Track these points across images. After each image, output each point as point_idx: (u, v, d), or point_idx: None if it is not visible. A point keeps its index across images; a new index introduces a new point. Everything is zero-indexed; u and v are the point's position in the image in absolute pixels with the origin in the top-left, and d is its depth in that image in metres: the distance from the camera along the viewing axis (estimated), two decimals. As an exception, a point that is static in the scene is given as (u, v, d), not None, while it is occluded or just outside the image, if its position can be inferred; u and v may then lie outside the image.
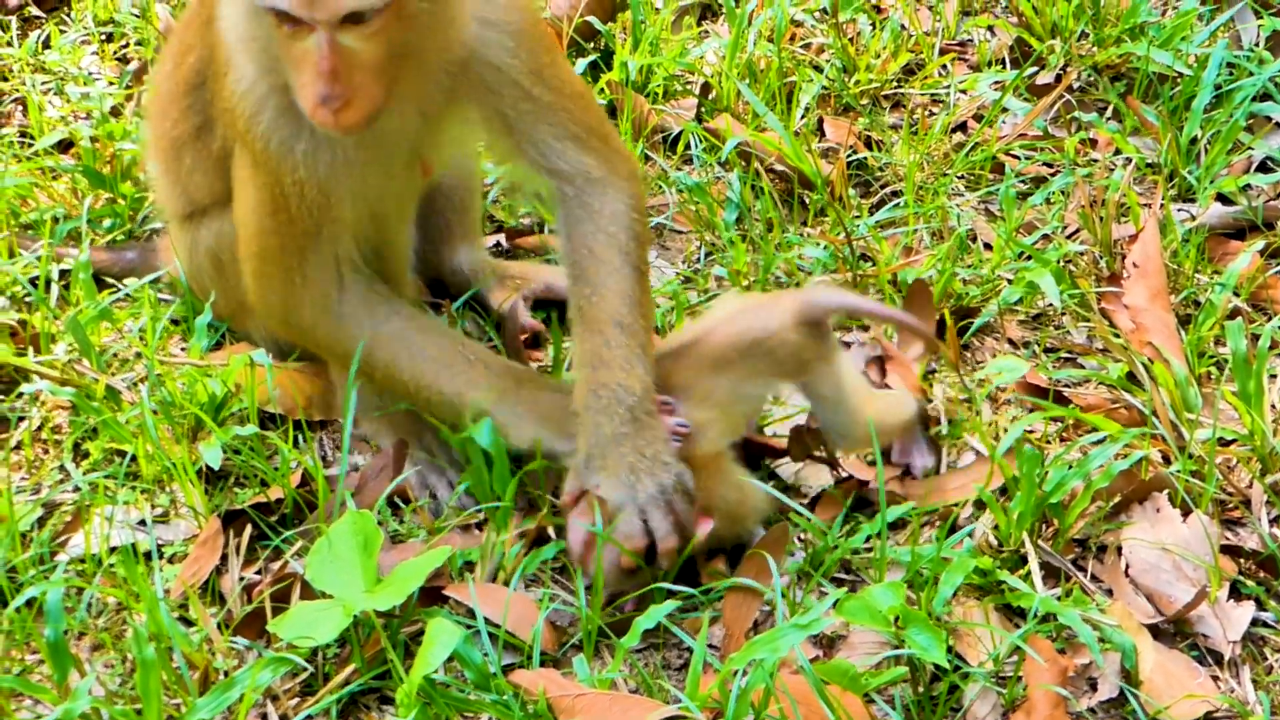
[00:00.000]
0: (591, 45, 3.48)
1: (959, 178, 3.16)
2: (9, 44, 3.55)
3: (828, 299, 2.34)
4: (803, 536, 2.27)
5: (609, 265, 2.28)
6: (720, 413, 2.24)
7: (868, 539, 2.20)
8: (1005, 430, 2.40)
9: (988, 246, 2.94)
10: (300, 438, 2.42)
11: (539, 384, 2.33)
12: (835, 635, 2.11)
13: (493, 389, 2.27)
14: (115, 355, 2.64)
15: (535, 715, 1.89)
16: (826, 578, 2.18)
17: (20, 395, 2.48)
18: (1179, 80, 3.30)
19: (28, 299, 2.70)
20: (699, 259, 2.92)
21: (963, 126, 3.37)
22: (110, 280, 2.78)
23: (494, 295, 2.76)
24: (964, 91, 3.45)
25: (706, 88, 3.40)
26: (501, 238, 2.98)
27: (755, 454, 2.41)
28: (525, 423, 2.26)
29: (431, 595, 2.13)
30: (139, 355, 2.63)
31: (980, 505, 2.30)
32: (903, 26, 3.60)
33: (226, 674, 2.01)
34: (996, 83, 3.43)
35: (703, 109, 3.35)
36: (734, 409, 2.26)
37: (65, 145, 3.20)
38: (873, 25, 3.64)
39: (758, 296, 2.49)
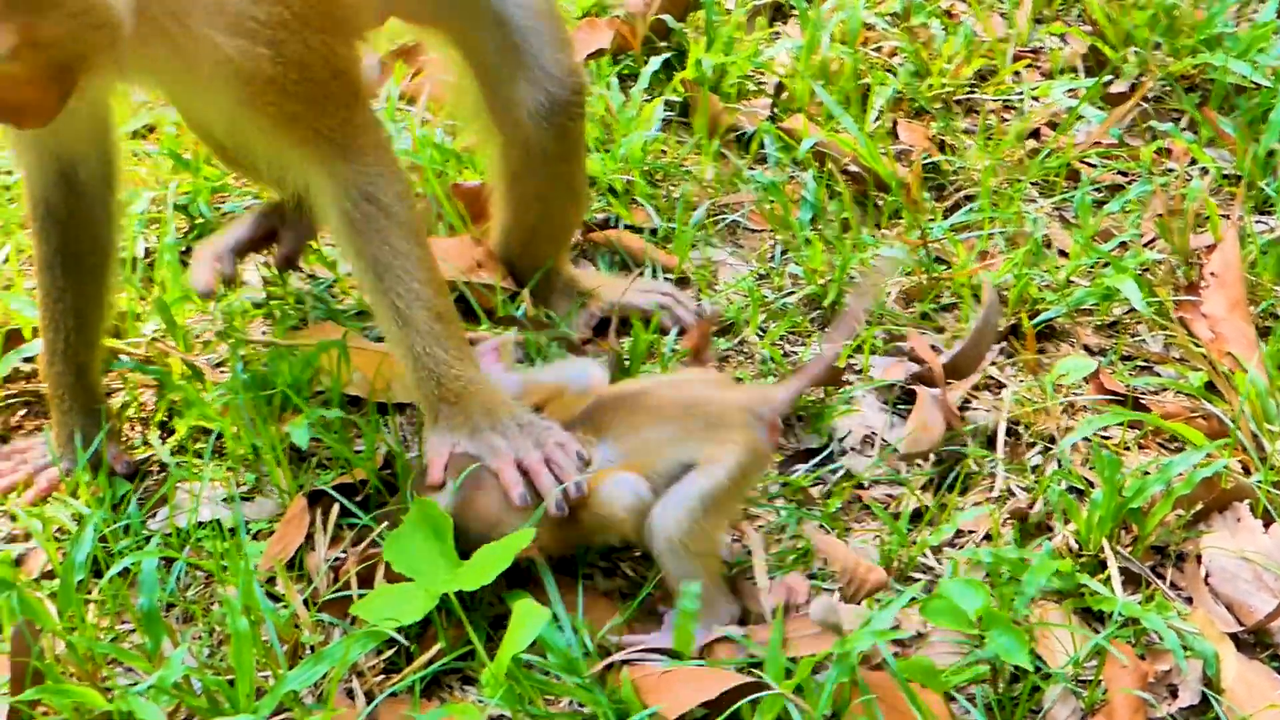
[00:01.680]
0: (664, 43, 3.51)
1: (1032, 184, 3.17)
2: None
3: (782, 394, 2.17)
4: (877, 534, 2.29)
5: None
6: (634, 464, 2.12)
7: (950, 539, 2.22)
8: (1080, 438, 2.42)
9: (1062, 253, 2.95)
10: (384, 421, 2.45)
11: None
12: (914, 633, 2.12)
13: None
14: (198, 336, 2.67)
15: (620, 699, 1.90)
16: (901, 577, 2.20)
17: (109, 372, 2.51)
18: (1256, 91, 3.30)
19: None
20: (773, 257, 2.94)
21: (1036, 133, 3.37)
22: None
23: (557, 306, 2.73)
24: (1036, 98, 3.46)
25: (780, 87, 3.42)
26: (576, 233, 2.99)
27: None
28: None
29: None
30: (220, 335, 2.67)
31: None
32: (975, 32, 3.61)
33: (312, 649, 2.04)
34: (1070, 90, 3.43)
35: (776, 109, 3.37)
36: (648, 466, 2.10)
37: (148, 130, 3.25)
38: (945, 30, 3.65)
39: (713, 374, 2.40)
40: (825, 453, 2.43)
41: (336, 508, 2.22)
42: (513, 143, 2.58)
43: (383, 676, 2.04)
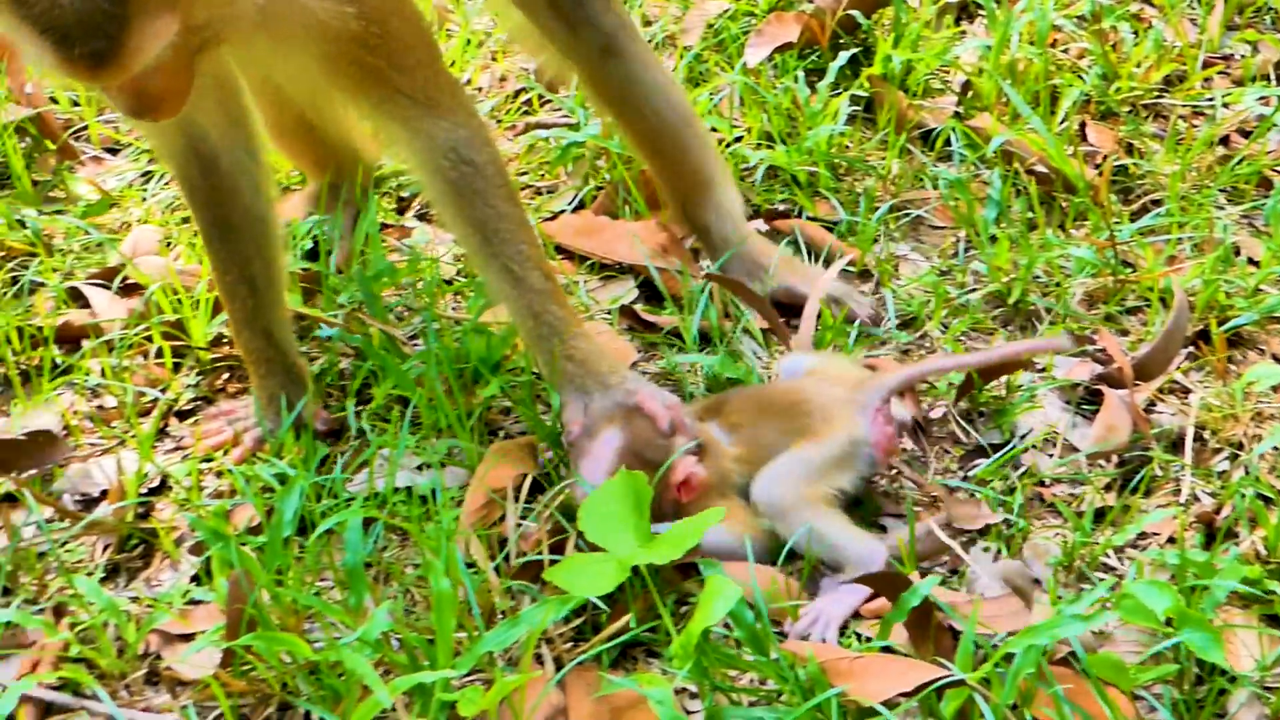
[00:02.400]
0: (850, 39, 3.53)
1: (1221, 191, 3.14)
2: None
3: (888, 380, 2.35)
4: (1059, 530, 2.29)
5: None
6: (742, 455, 2.28)
7: (1133, 539, 2.22)
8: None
9: (1252, 261, 2.91)
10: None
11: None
12: (1098, 630, 2.13)
13: None
14: (391, 310, 2.77)
15: (808, 680, 1.94)
16: (1083, 576, 2.21)
17: (309, 339, 2.62)
18: None
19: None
20: (956, 254, 2.95)
21: (1226, 140, 3.33)
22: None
23: (733, 273, 2.78)
24: (1227, 105, 3.41)
25: (967, 86, 3.42)
26: (755, 220, 3.03)
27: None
28: None
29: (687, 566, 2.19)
30: (411, 310, 2.76)
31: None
32: (1164, 37, 3.57)
33: (504, 614, 2.11)
34: (1263, 97, 3.39)
35: (962, 107, 3.38)
36: (755, 458, 2.26)
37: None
38: (1134, 34, 3.62)
39: (838, 363, 2.49)
40: (1007, 449, 2.45)
41: (529, 477, 2.29)
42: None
43: (570, 644, 2.10)
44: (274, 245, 2.48)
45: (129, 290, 2.74)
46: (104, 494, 2.36)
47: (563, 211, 3.03)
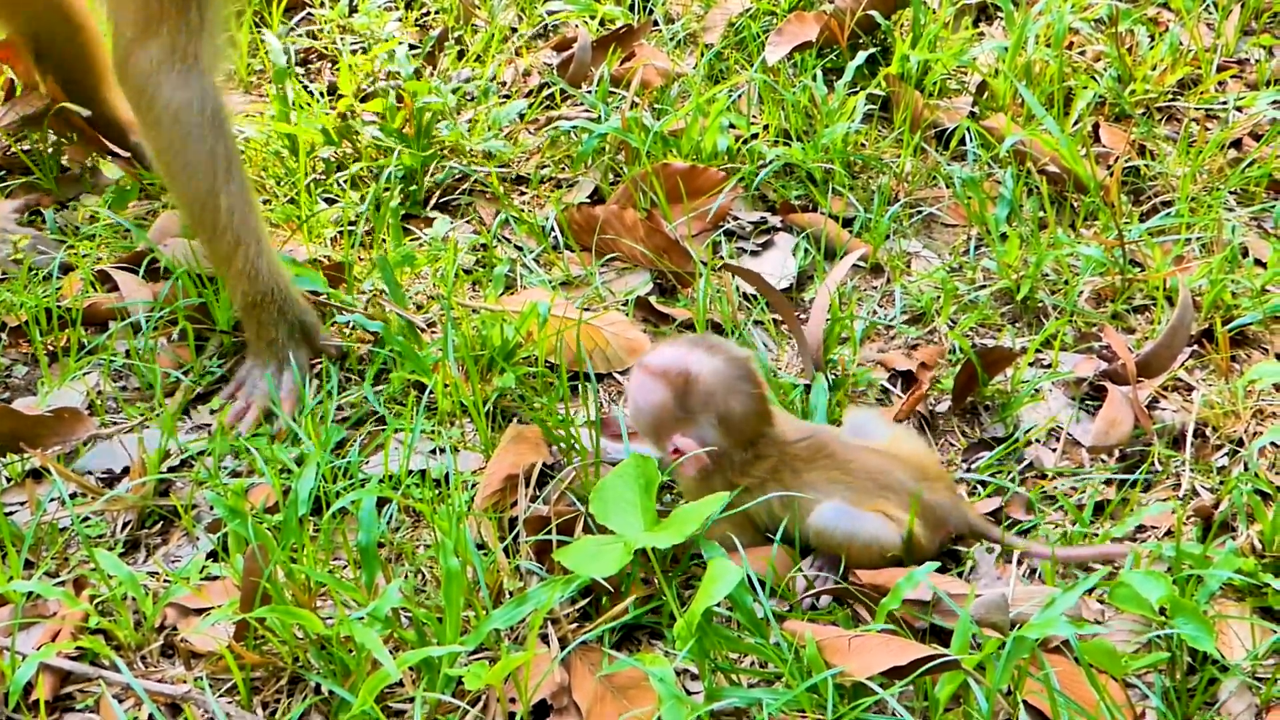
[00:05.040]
0: (869, 38, 3.57)
1: (1231, 193, 3.17)
2: (321, 5, 3.80)
3: (969, 516, 2.26)
4: (1059, 524, 2.33)
5: None
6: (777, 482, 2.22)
7: (1132, 532, 2.25)
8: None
9: (1259, 263, 2.94)
10: (579, 387, 2.56)
11: None
12: (1092, 619, 2.16)
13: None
14: (411, 298, 2.82)
15: (806, 662, 1.98)
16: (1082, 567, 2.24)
17: (333, 324, 2.67)
18: None
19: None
20: (967, 251, 2.99)
21: (1238, 143, 3.36)
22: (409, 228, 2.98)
23: None
24: (1240, 109, 3.44)
25: (982, 86, 3.46)
26: (771, 216, 3.08)
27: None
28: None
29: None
30: (432, 299, 2.81)
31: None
32: (1180, 41, 3.60)
33: (512, 593, 2.16)
34: (1275, 101, 3.42)
35: (978, 107, 3.42)
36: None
37: (365, 96, 3.42)
38: (1151, 37, 3.65)
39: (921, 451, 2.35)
40: (1010, 442, 2.49)
41: (539, 463, 2.34)
42: None
43: (576, 624, 2.15)
44: None
45: (155, 274, 2.80)
46: (125, 470, 2.42)
47: (583, 204, 3.07)
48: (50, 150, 3.15)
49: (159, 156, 2.54)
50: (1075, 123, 3.30)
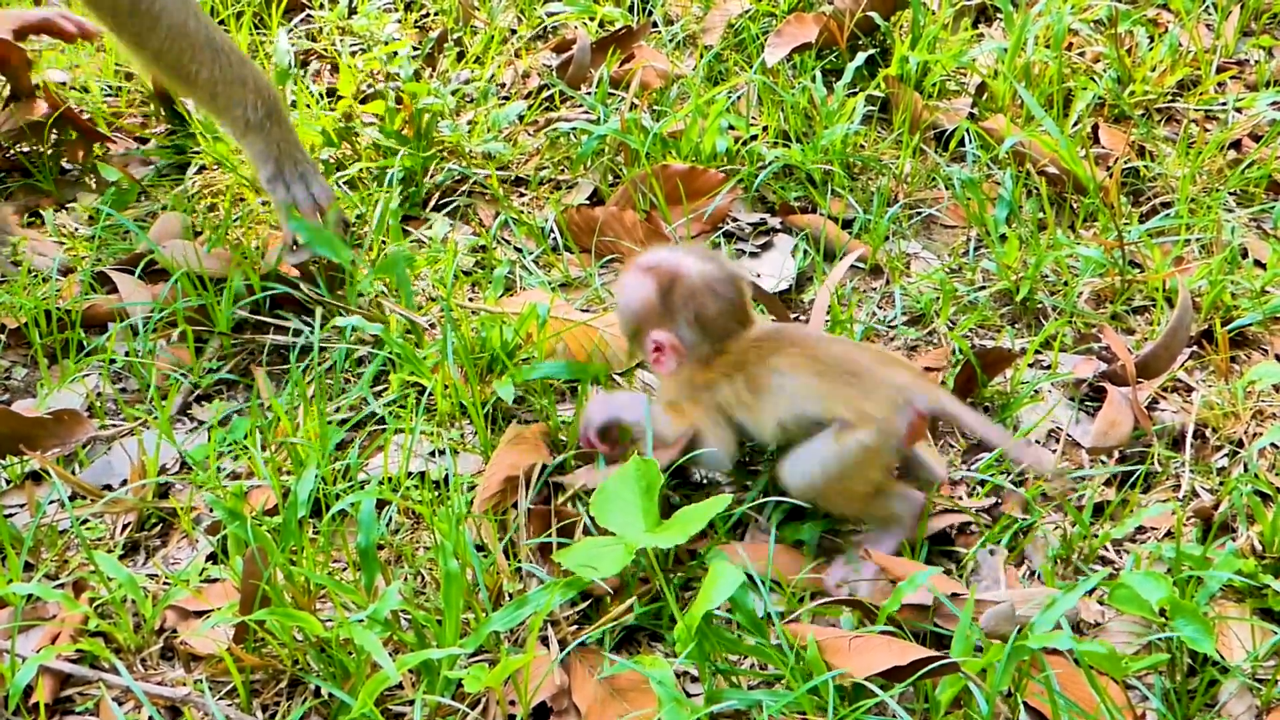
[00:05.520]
0: (868, 39, 3.57)
1: (1231, 194, 3.17)
2: (320, 6, 3.80)
3: (945, 400, 2.21)
4: (1059, 525, 2.33)
5: None
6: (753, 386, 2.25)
7: (1132, 533, 2.25)
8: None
9: (1259, 264, 2.94)
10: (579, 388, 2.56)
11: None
12: (1093, 621, 2.17)
13: None
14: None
15: (806, 664, 1.98)
16: (1080, 570, 2.24)
17: (333, 328, 2.67)
18: None
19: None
20: (966, 252, 2.99)
21: (1237, 144, 3.36)
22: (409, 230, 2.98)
23: None
24: (1240, 110, 3.45)
25: (982, 87, 3.46)
26: (770, 218, 3.07)
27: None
28: None
29: (692, 551, 2.24)
30: (432, 300, 2.81)
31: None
32: (1180, 42, 3.60)
33: (511, 596, 2.16)
34: (1275, 103, 3.42)
35: (977, 108, 3.42)
36: (780, 408, 2.23)
37: (365, 98, 3.42)
38: (1150, 39, 3.65)
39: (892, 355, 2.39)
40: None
41: (539, 464, 2.34)
42: None
43: (576, 626, 2.15)
44: None
45: (155, 275, 2.80)
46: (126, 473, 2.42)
47: (582, 205, 3.07)
48: (50, 152, 3.14)
49: (130, 21, 2.61)
50: (1075, 124, 3.31)
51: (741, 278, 2.34)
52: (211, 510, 2.33)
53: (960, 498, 2.36)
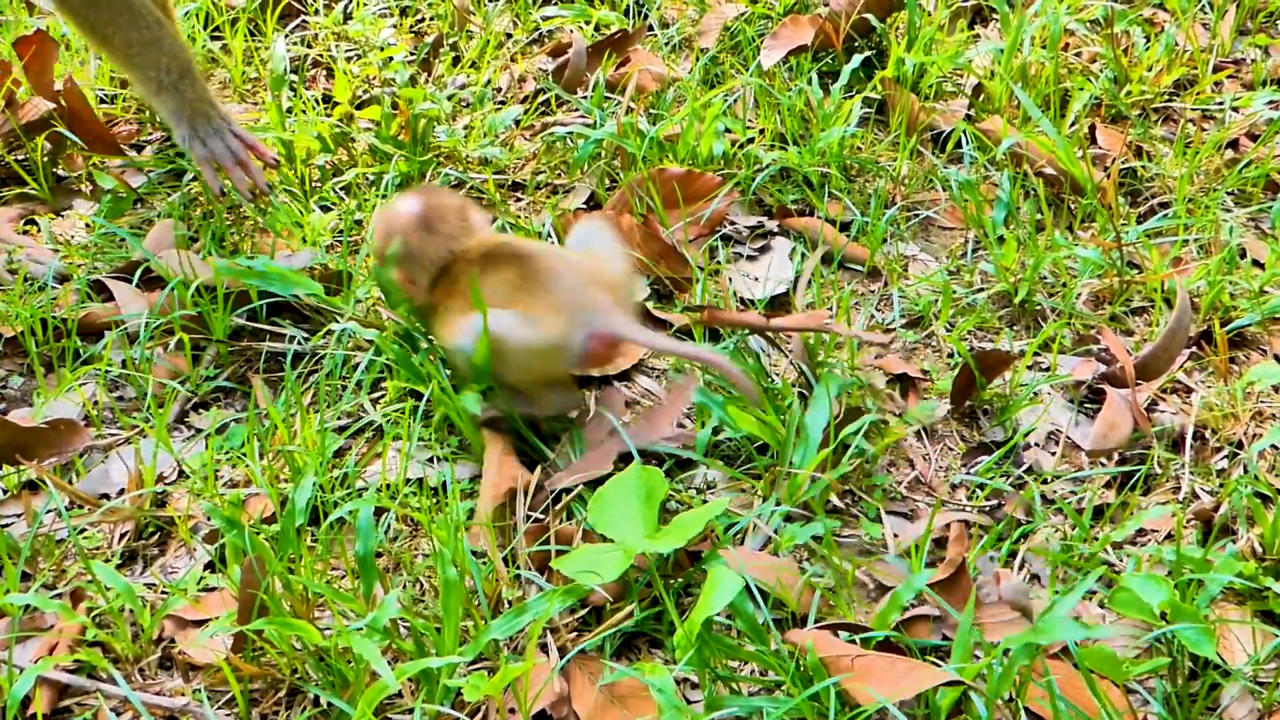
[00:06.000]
0: (864, 41, 3.57)
1: (1229, 194, 3.17)
2: (316, 12, 3.79)
3: (620, 324, 2.37)
4: (1059, 528, 2.33)
5: None
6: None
7: (1132, 536, 2.25)
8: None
9: (1257, 264, 2.94)
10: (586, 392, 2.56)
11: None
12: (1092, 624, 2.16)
13: None
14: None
15: (807, 671, 1.97)
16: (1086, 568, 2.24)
17: (328, 333, 2.66)
18: None
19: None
20: (964, 254, 2.98)
21: (1235, 144, 3.36)
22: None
23: None
24: (1237, 109, 3.44)
25: (978, 89, 3.46)
26: (768, 221, 3.07)
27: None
28: None
29: (691, 555, 2.23)
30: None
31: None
32: (1176, 42, 3.60)
33: (510, 603, 2.15)
34: (1272, 102, 3.42)
35: (974, 110, 3.41)
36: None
37: (361, 104, 3.41)
38: (1146, 38, 3.65)
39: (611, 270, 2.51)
40: (1008, 445, 2.48)
41: (538, 470, 2.34)
42: None
43: (575, 634, 2.14)
44: None
45: (151, 283, 2.79)
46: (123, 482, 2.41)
47: (578, 209, 3.07)
48: (46, 159, 3.14)
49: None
50: (1071, 124, 3.30)
51: (446, 206, 2.51)
52: (209, 519, 2.32)
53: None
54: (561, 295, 2.35)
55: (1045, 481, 2.40)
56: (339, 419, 2.53)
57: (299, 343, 2.66)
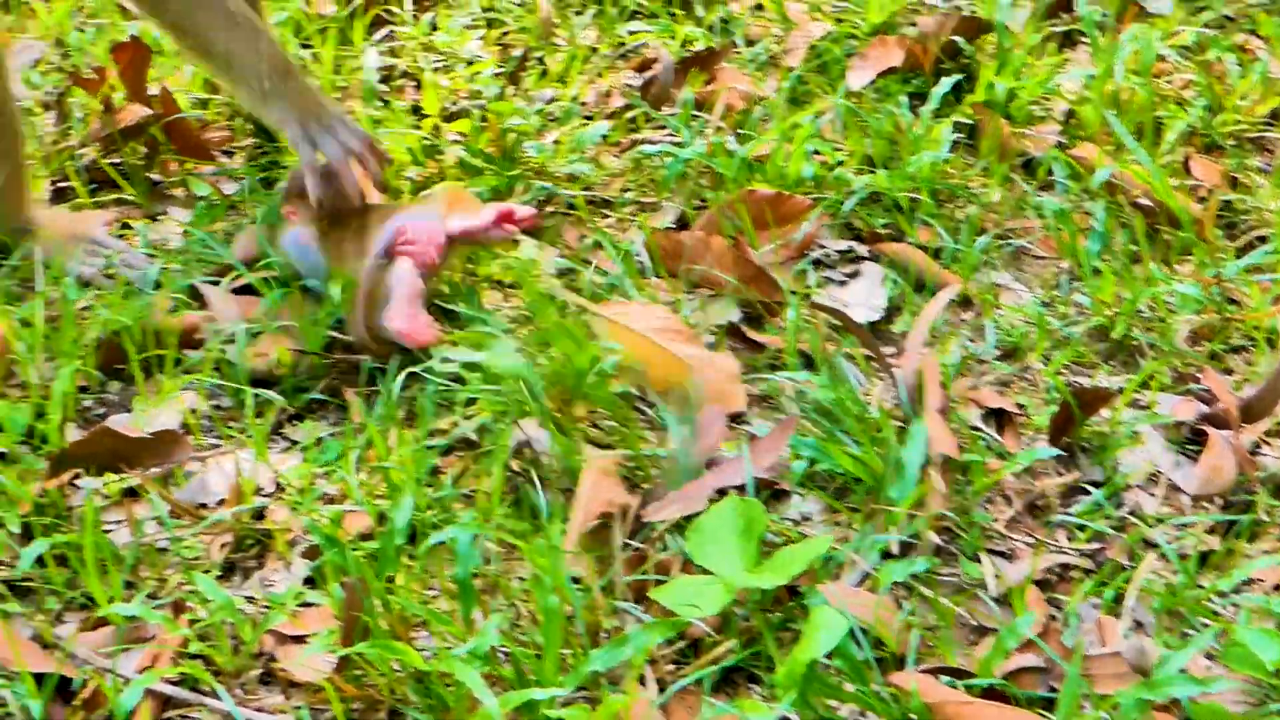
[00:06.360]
0: (953, 64, 3.54)
1: (1328, 229, 3.13)
2: (404, 23, 3.80)
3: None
4: (1160, 574, 2.30)
5: None
6: None
7: (1238, 585, 2.22)
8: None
9: (1358, 303, 2.90)
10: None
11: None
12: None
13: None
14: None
15: (909, 714, 1.96)
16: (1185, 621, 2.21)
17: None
18: None
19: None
20: (1058, 285, 2.96)
21: (1332, 177, 3.32)
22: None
23: None
24: (1333, 141, 3.41)
25: (1070, 114, 3.43)
26: (858, 245, 3.05)
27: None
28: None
29: (789, 589, 2.22)
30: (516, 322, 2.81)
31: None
32: (1270, 71, 3.56)
33: (608, 633, 2.15)
34: (1371, 134, 3.38)
35: (1065, 135, 3.39)
36: None
37: (450, 116, 3.42)
38: (1239, 65, 3.61)
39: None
40: (1108, 485, 2.46)
41: (637, 499, 2.33)
42: None
43: (673, 666, 2.13)
44: None
45: (240, 290, 2.80)
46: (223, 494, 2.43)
47: (668, 228, 3.06)
48: (141, 163, 3.15)
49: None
50: (1168, 153, 3.27)
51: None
52: (307, 533, 2.33)
53: (1060, 542, 2.33)
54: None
55: (1150, 525, 2.37)
56: (433, 435, 2.53)
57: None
